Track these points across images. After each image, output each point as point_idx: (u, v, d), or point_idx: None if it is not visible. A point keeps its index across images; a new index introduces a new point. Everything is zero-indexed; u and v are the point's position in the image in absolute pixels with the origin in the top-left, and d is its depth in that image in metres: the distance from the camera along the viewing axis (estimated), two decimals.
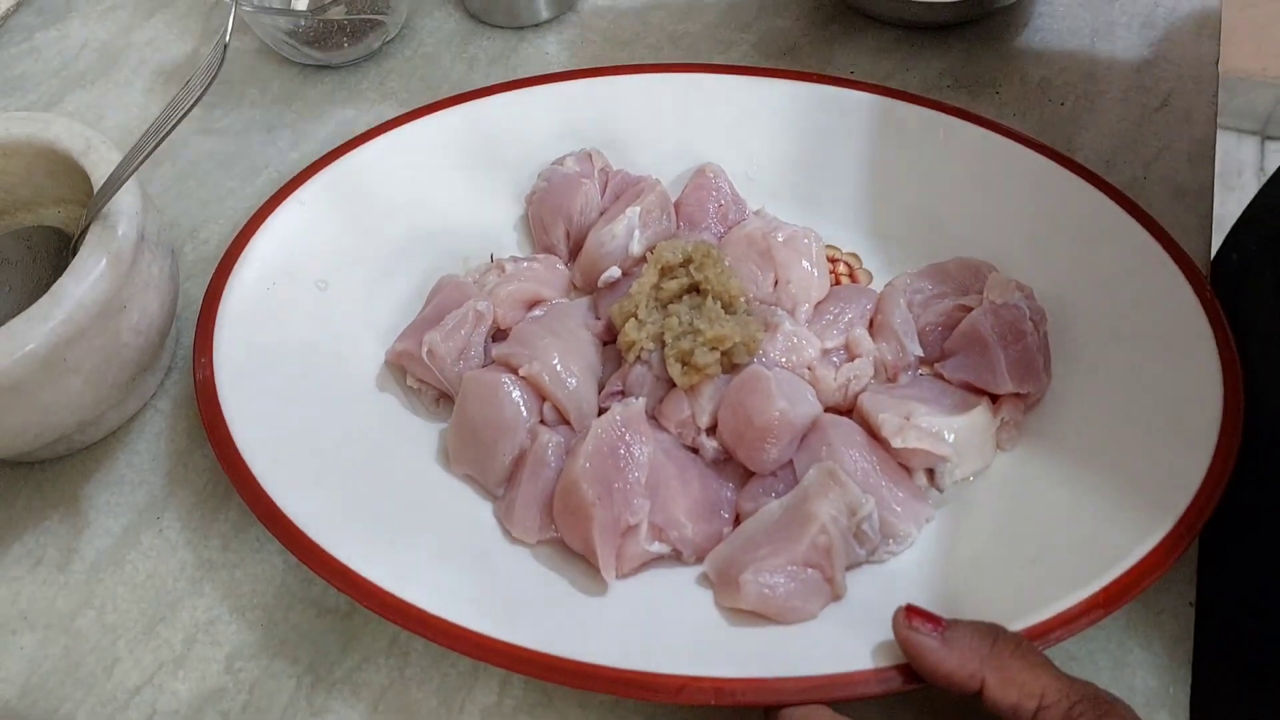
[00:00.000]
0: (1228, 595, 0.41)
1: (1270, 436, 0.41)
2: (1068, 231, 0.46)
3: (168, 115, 0.39)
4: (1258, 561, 0.43)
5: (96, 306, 0.41)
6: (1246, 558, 0.43)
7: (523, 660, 0.36)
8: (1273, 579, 0.42)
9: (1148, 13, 0.57)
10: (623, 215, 0.47)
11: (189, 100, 0.38)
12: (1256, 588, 0.43)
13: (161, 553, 0.44)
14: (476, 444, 0.43)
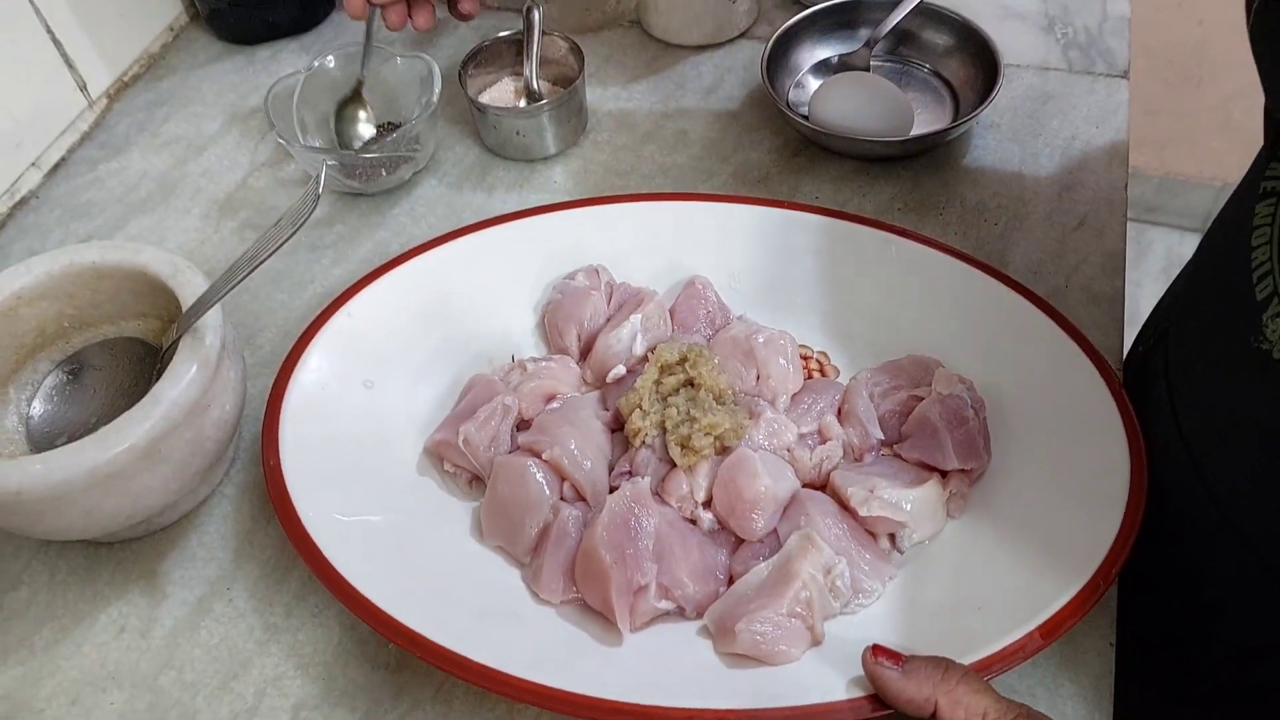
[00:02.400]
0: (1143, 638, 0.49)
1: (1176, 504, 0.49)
2: (1002, 333, 0.55)
3: (260, 248, 0.48)
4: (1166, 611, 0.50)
5: (187, 406, 0.48)
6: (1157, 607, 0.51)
7: (554, 699, 0.43)
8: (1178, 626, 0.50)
9: (1066, 146, 0.67)
10: (626, 321, 0.56)
11: (281, 237, 0.47)
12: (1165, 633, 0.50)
13: (232, 619, 0.51)
14: (506, 519, 0.51)
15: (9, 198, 0.71)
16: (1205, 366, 0.47)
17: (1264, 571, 0.45)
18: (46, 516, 0.48)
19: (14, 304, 0.54)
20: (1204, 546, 0.49)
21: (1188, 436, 0.48)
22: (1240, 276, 0.43)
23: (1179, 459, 0.48)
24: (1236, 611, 0.49)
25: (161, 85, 0.79)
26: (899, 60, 0.71)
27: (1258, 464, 0.43)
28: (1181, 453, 0.48)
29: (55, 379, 0.56)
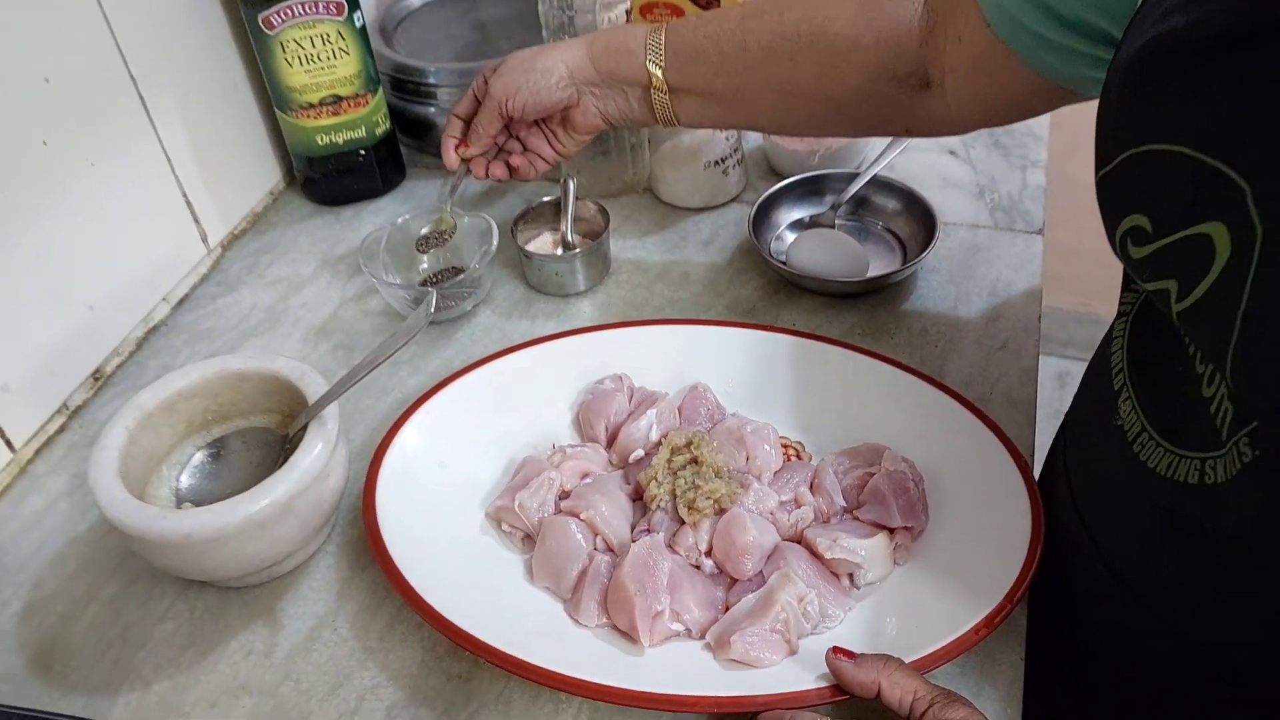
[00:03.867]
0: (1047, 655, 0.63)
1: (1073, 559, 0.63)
2: (938, 427, 0.70)
3: (377, 355, 0.64)
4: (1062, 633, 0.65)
5: (314, 473, 0.64)
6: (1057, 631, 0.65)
7: (594, 690, 0.57)
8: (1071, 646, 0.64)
9: (992, 286, 0.84)
10: (644, 415, 0.72)
11: (395, 346, 0.63)
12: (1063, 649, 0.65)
13: (336, 644, 0.65)
14: (552, 565, 0.65)
15: (144, 325, 0.88)
16: (1086, 445, 0.63)
17: (1141, 609, 0.59)
18: (204, 556, 0.63)
19: (174, 400, 0.70)
20: (1091, 591, 0.63)
21: (1079, 504, 0.63)
22: (1105, 375, 0.59)
23: (1074, 523, 0.63)
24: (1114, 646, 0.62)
25: (265, 237, 0.97)
26: (858, 219, 0.90)
27: (1124, 517, 0.58)
28: (1075, 518, 0.63)
29: (200, 458, 0.71)
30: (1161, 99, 0.44)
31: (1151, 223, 0.46)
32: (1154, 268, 0.46)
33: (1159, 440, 0.51)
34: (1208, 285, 0.42)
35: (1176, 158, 0.43)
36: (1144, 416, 0.53)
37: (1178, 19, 0.42)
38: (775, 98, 0.75)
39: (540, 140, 0.83)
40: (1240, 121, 0.40)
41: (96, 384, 0.84)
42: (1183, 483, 0.49)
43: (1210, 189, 0.41)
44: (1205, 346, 0.45)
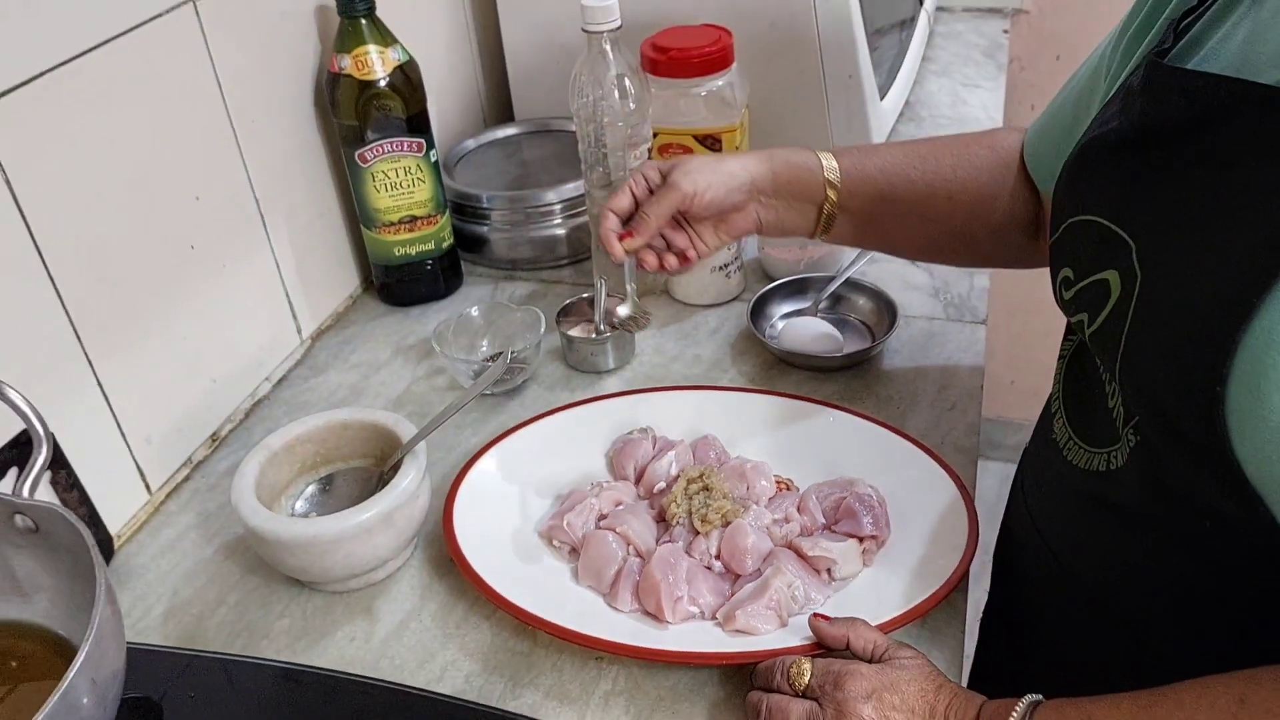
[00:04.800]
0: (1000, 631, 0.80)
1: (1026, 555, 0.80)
2: (899, 465, 0.88)
3: (459, 401, 0.84)
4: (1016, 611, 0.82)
5: (410, 493, 0.82)
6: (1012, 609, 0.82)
7: (630, 650, 0.74)
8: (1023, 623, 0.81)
9: (944, 363, 1.04)
10: (665, 457, 0.90)
11: (474, 393, 0.83)
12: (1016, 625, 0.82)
13: (421, 631, 0.82)
14: (595, 568, 0.82)
15: (251, 399, 1.08)
16: (1034, 461, 0.80)
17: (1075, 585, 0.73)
18: (325, 557, 0.80)
19: (294, 443, 0.88)
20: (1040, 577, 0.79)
21: (1031, 508, 0.80)
22: (1048, 405, 0.77)
23: (1027, 524, 0.79)
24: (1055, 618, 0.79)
25: (347, 331, 1.18)
26: (835, 312, 1.10)
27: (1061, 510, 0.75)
28: (1027, 517, 0.80)
29: (312, 490, 0.90)
30: (1089, 183, 0.65)
31: (1074, 272, 0.65)
32: (1075, 305, 0.66)
33: (1079, 442, 0.69)
34: (1105, 315, 0.61)
35: (1093, 225, 0.63)
36: (1070, 427, 0.71)
37: (1109, 126, 0.63)
38: (924, 229, 0.86)
39: (684, 238, 0.88)
40: (1132, 198, 0.60)
41: (214, 444, 1.03)
42: (1096, 471, 0.67)
43: (1109, 246, 0.61)
44: (1104, 360, 0.63)
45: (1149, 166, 0.58)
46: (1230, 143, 0.53)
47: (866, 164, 0.85)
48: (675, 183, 0.83)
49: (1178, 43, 0.59)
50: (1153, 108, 0.58)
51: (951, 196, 0.83)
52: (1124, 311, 0.58)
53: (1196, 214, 0.54)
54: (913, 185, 0.84)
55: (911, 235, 0.88)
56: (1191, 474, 0.56)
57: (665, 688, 0.76)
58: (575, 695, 0.76)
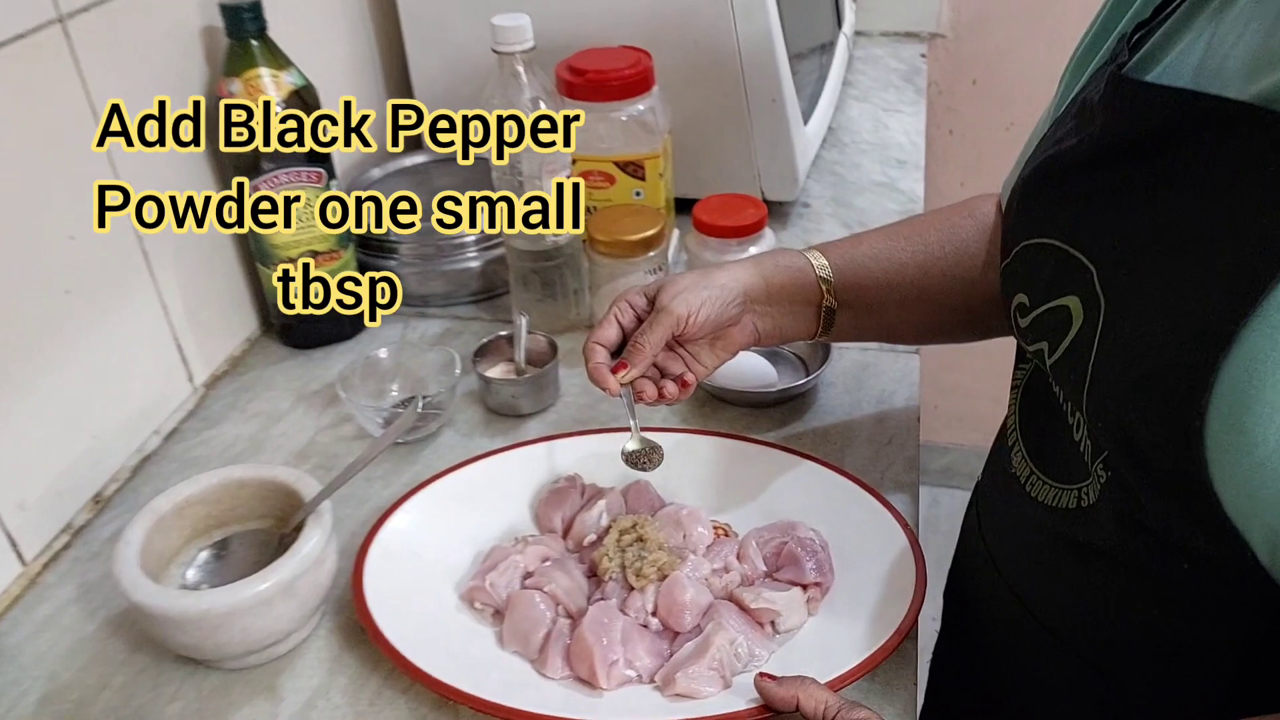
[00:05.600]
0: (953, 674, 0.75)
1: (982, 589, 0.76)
2: (840, 504, 0.84)
3: (368, 453, 0.76)
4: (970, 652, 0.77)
5: (314, 558, 0.74)
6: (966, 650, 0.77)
7: None
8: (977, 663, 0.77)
9: (879, 395, 1.00)
10: (594, 505, 0.84)
11: (384, 444, 0.76)
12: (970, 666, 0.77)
13: (330, 711, 0.74)
14: (521, 632, 0.76)
15: (138, 455, 0.98)
16: (991, 496, 0.76)
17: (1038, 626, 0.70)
18: (217, 632, 0.72)
19: (184, 504, 0.80)
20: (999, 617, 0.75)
21: (989, 544, 0.76)
22: (1003, 438, 0.73)
23: (984, 560, 0.76)
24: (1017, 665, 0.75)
25: (244, 377, 1.09)
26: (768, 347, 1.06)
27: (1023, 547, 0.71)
28: (986, 556, 0.76)
29: (205, 557, 0.81)
30: (1044, 204, 0.61)
31: (1029, 298, 0.62)
32: (1033, 333, 0.62)
33: (1044, 478, 0.65)
34: (1067, 343, 0.57)
35: (1049, 248, 0.59)
36: (1031, 462, 0.67)
37: (1065, 145, 0.59)
38: (925, 312, 0.82)
39: (679, 362, 0.83)
40: (1091, 220, 0.56)
41: (97, 506, 0.93)
42: (1065, 509, 0.63)
43: (1068, 271, 0.57)
44: (1067, 391, 0.60)
45: (1109, 186, 0.55)
46: (1197, 161, 0.49)
47: (856, 254, 0.82)
48: (666, 307, 0.78)
49: (1133, 56, 0.56)
50: (1114, 123, 0.55)
51: (945, 273, 0.80)
52: (1088, 340, 0.55)
53: (1164, 237, 0.51)
54: (904, 268, 0.80)
55: (913, 319, 0.84)
56: (1168, 511, 0.52)
57: None
58: None
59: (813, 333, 0.84)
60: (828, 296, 0.81)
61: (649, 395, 0.81)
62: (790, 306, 0.82)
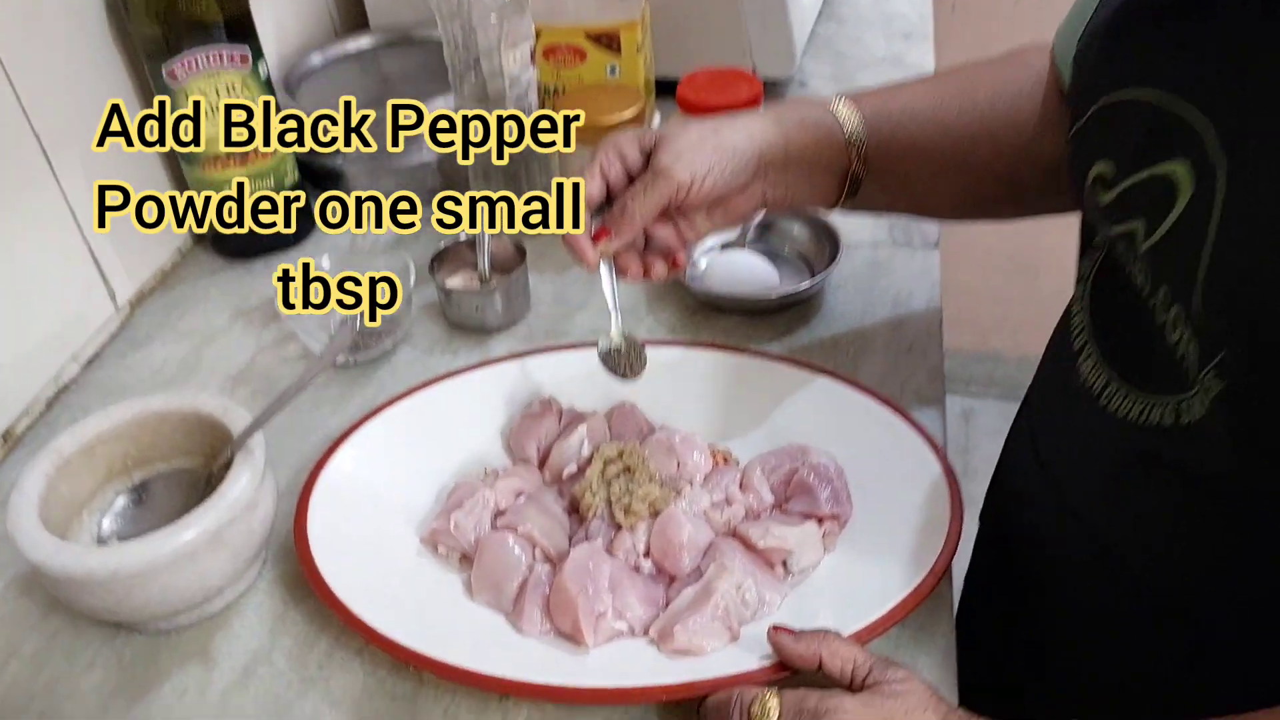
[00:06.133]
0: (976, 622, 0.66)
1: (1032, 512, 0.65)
2: (856, 424, 0.73)
3: (301, 380, 0.64)
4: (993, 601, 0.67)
5: (244, 502, 0.63)
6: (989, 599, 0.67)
7: (543, 691, 0.57)
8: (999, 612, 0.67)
9: (895, 298, 0.88)
10: (575, 431, 0.73)
11: (320, 366, 0.64)
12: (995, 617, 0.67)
13: (273, 677, 0.63)
14: (492, 580, 0.65)
15: (54, 384, 0.86)
16: (1051, 408, 0.65)
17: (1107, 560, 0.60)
18: (133, 593, 0.61)
19: (93, 443, 0.68)
20: (1053, 536, 0.65)
21: (1047, 465, 0.65)
22: (1064, 343, 0.62)
23: (1038, 480, 0.65)
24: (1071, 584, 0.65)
25: (175, 292, 0.97)
26: (766, 244, 0.94)
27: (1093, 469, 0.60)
28: (1042, 479, 0.65)
29: (122, 503, 0.70)
30: (1133, 52, 0.49)
31: (1115, 167, 0.50)
32: (1120, 211, 0.50)
33: (1128, 389, 0.54)
34: (1172, 221, 0.46)
35: (1139, 106, 0.47)
36: (1109, 369, 0.56)
37: None
38: (964, 183, 0.70)
39: (671, 232, 0.71)
40: (1203, 67, 0.44)
41: (6, 445, 0.81)
42: (1157, 426, 0.51)
43: (1168, 132, 0.45)
44: (1169, 281, 0.48)
45: (1225, 26, 0.42)
46: None
47: (892, 112, 0.69)
48: (665, 171, 0.65)
49: None
50: None
51: (994, 137, 0.68)
52: (1201, 216, 0.43)
53: None
54: (948, 131, 0.68)
55: (950, 191, 0.72)
56: None
57: None
58: None
59: (830, 202, 0.72)
60: (856, 163, 0.68)
61: (632, 272, 0.70)
62: (810, 173, 0.69)
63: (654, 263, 0.69)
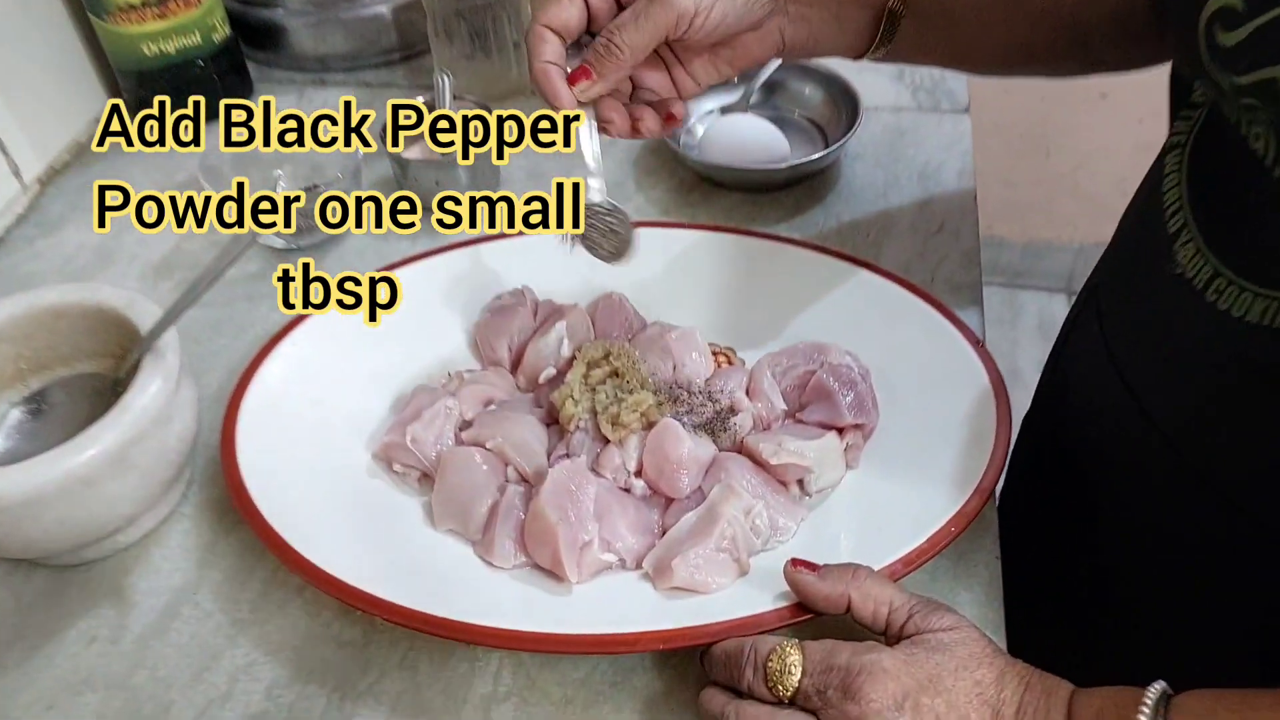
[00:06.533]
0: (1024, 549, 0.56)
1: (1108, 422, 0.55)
2: (880, 315, 0.63)
3: (218, 263, 0.53)
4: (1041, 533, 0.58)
5: (153, 415, 0.52)
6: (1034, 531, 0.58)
7: (512, 639, 0.47)
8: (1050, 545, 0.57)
9: (922, 169, 0.77)
10: (553, 329, 0.62)
11: (239, 248, 0.52)
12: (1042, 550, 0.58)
13: (199, 620, 0.54)
14: (457, 504, 0.55)
15: None
16: (1131, 300, 0.54)
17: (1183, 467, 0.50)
18: (24, 526, 0.51)
19: None
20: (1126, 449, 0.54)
21: (1118, 360, 0.53)
22: (1155, 220, 0.50)
23: (1110, 385, 0.54)
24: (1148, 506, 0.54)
25: (92, 169, 0.84)
26: (773, 107, 0.81)
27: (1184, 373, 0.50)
28: (1113, 379, 0.53)
29: (17, 416, 0.59)
30: None
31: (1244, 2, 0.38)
32: (1253, 54, 0.39)
33: (1241, 283, 0.43)
34: None
35: None
36: (1215, 259, 0.45)
37: None
38: (1017, 30, 0.59)
39: (664, 78, 0.58)
40: None
41: None
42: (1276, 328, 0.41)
43: None
44: None
45: None
46: None
47: None
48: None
49: None
50: None
51: None
52: None
53: None
54: None
55: (1000, 37, 0.59)
56: None
57: (575, 681, 0.51)
58: (439, 707, 0.50)
59: (859, 49, 0.59)
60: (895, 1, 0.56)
61: (617, 126, 0.57)
62: (838, 8, 0.57)
63: (643, 115, 0.57)
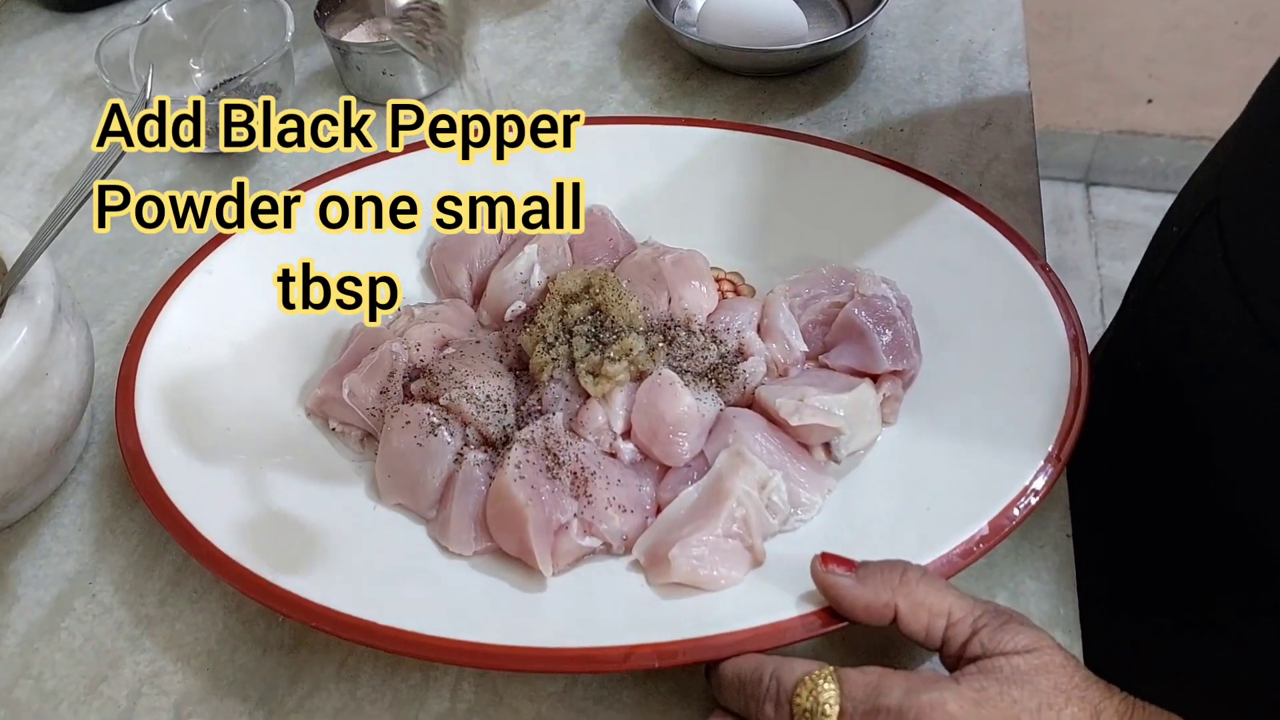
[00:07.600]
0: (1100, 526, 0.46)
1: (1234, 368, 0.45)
2: (920, 231, 0.52)
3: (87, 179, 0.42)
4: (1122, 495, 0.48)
5: (20, 373, 0.42)
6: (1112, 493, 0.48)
7: (473, 654, 0.38)
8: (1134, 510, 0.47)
9: (964, 49, 0.64)
10: (522, 254, 0.51)
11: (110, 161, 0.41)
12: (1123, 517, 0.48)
13: (96, 616, 0.44)
14: (405, 473, 0.45)
15: None
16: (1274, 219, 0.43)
17: None
18: None
19: None
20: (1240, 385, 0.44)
21: (1247, 292, 0.43)
22: None
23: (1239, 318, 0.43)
24: None
25: None
26: None
27: None
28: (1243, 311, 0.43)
29: None
30: None
31: None
32: None
33: None
34: None
35: None
36: None
37: None
38: None
39: None
40: None
41: None
42: None
43: None
44: None
45: None
46: None
47: None
48: None
49: None
50: None
51: None
52: None
53: None
54: None
55: None
56: None
57: (550, 696, 0.41)
58: None
59: None
60: None
61: None
62: None
63: None
